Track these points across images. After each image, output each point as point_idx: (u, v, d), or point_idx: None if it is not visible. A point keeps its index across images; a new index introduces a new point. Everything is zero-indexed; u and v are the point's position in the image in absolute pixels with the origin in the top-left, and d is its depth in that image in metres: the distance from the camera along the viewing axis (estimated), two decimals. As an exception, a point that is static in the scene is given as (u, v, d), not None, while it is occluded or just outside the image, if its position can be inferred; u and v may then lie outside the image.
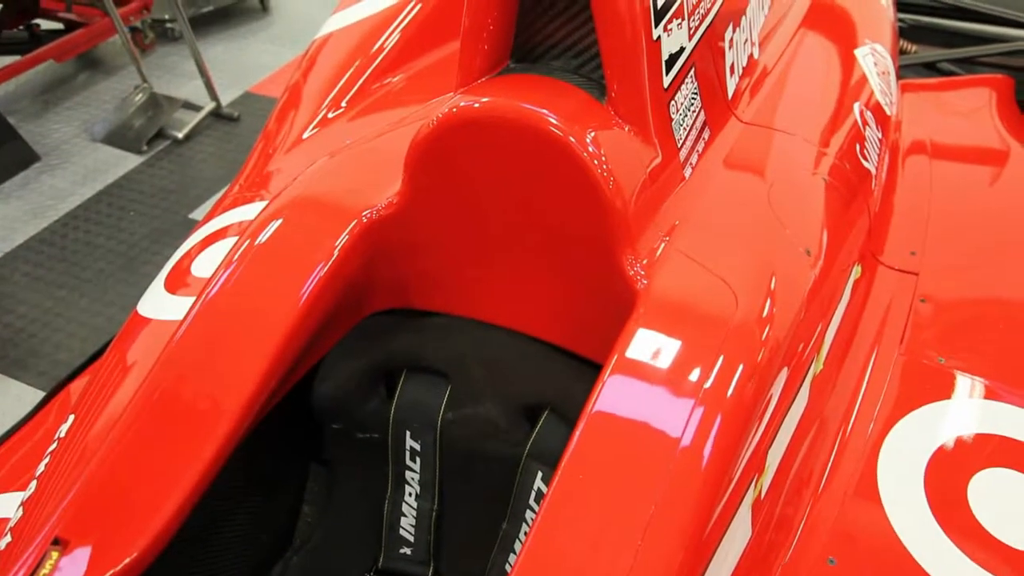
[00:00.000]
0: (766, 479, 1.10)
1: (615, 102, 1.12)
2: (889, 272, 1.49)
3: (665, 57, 1.16)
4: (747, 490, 1.02)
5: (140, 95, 3.50)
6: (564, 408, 1.18)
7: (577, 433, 0.96)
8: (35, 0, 3.78)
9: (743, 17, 1.49)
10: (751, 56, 1.53)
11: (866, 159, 1.52)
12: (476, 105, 1.08)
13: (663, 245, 1.10)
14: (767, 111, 1.46)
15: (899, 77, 2.06)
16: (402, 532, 1.30)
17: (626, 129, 1.12)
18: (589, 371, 1.12)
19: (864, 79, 1.73)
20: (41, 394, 2.21)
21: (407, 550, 1.30)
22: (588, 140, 1.05)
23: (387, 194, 1.21)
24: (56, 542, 1.01)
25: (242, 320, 1.17)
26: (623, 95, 1.11)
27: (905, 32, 2.71)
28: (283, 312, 1.16)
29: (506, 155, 1.10)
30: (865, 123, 1.60)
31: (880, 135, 1.66)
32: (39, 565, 0.99)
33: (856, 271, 1.38)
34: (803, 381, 1.16)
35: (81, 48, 3.78)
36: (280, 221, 1.23)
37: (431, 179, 1.15)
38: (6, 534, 1.12)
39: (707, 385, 0.99)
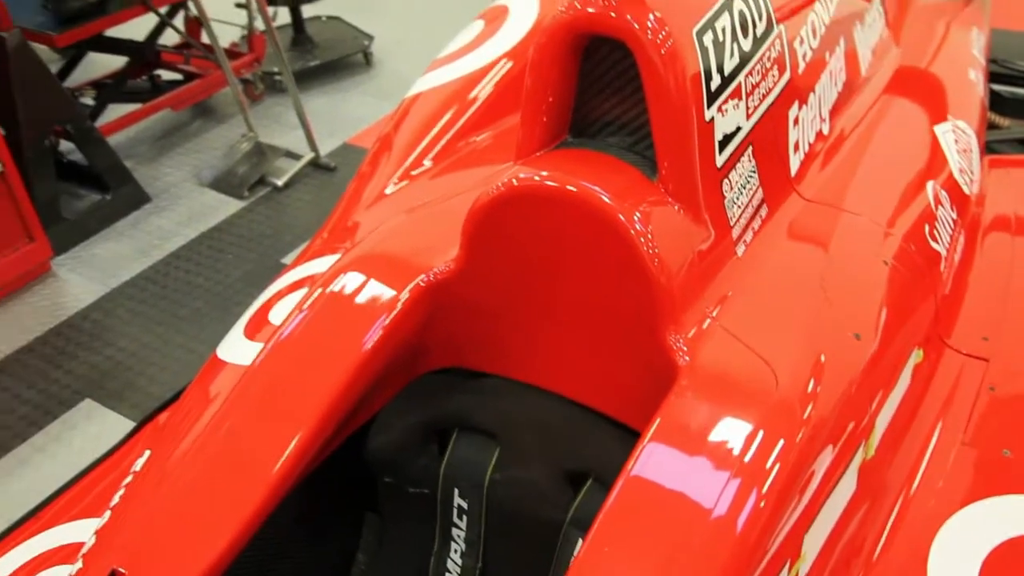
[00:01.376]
0: (804, 564, 1.09)
1: (665, 180, 1.15)
2: (957, 356, 1.45)
3: (719, 137, 1.18)
4: (782, 570, 1.02)
5: (246, 143, 3.69)
6: (607, 477, 1.19)
7: (612, 497, 0.98)
8: (157, 53, 4.04)
9: (812, 95, 1.51)
10: (820, 132, 1.54)
11: (936, 240, 1.50)
12: (534, 178, 1.13)
13: (708, 321, 1.12)
14: (832, 189, 1.46)
15: (987, 152, 2.02)
16: (445, 588, 1.33)
17: (676, 207, 1.15)
18: (632, 441, 1.13)
19: (942, 157, 1.71)
20: (132, 425, 2.33)
21: (450, 606, 1.33)
22: (636, 218, 1.08)
23: (447, 257, 1.26)
24: (113, 574, 1.08)
25: (304, 366, 1.23)
26: (673, 174, 1.14)
27: (999, 104, 2.65)
28: (343, 361, 1.22)
29: (559, 227, 1.14)
30: (938, 203, 1.58)
31: (955, 215, 1.63)
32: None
33: (917, 355, 1.36)
34: (849, 464, 1.15)
35: (196, 98, 4.02)
36: (348, 275, 1.29)
37: (486, 246, 1.20)
38: (78, 560, 1.20)
39: (745, 459, 1.00)
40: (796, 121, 1.43)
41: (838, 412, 1.11)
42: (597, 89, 1.20)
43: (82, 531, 1.51)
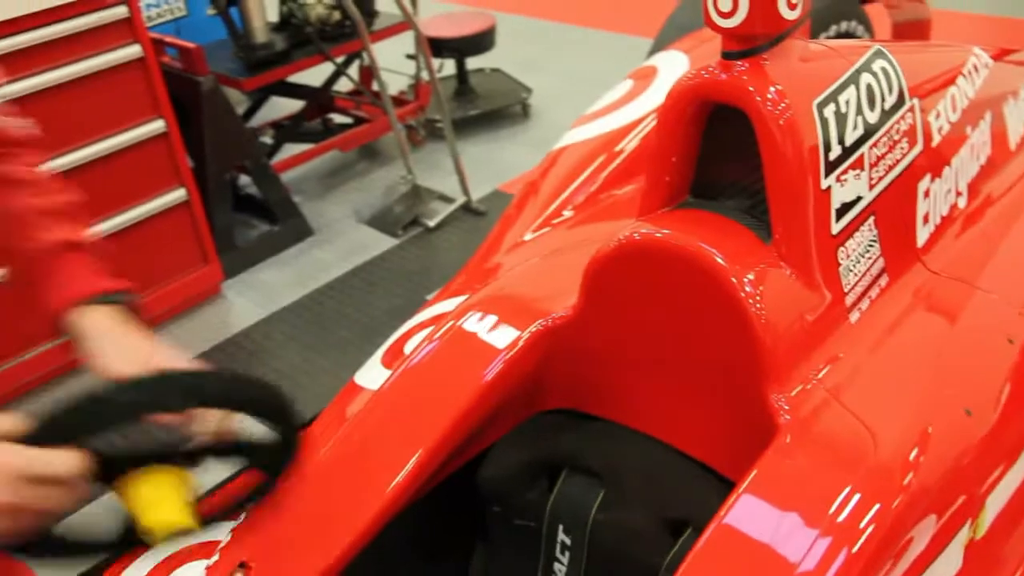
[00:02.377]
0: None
1: (779, 244, 1.19)
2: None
3: (836, 205, 1.21)
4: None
5: (404, 185, 3.90)
6: (704, 526, 1.23)
7: (700, 543, 1.02)
8: (331, 98, 4.35)
9: (947, 168, 1.50)
10: (954, 205, 1.53)
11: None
12: (654, 235, 1.20)
13: (812, 383, 1.15)
14: (963, 263, 1.45)
15: None
16: (546, 620, 1.38)
17: (787, 271, 1.18)
18: (727, 491, 1.17)
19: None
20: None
21: (549, 638, 1.38)
22: (748, 280, 1.13)
23: (567, 303, 1.34)
24: (242, 565, 1.20)
25: (427, 393, 1.34)
26: (786, 238, 1.18)
27: None
28: (464, 391, 1.32)
29: (673, 283, 1.20)
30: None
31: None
32: (226, 582, 1.18)
33: (1042, 438, 1.32)
34: (953, 539, 1.14)
35: (363, 140, 4.29)
36: (476, 313, 1.39)
37: (603, 295, 1.27)
38: (215, 553, 1.33)
39: (838, 519, 1.01)
40: (927, 193, 1.43)
41: (941, 484, 1.10)
42: (719, 152, 1.26)
43: (221, 530, 1.66)
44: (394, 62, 4.35)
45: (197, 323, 3.24)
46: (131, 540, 0.97)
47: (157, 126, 3.05)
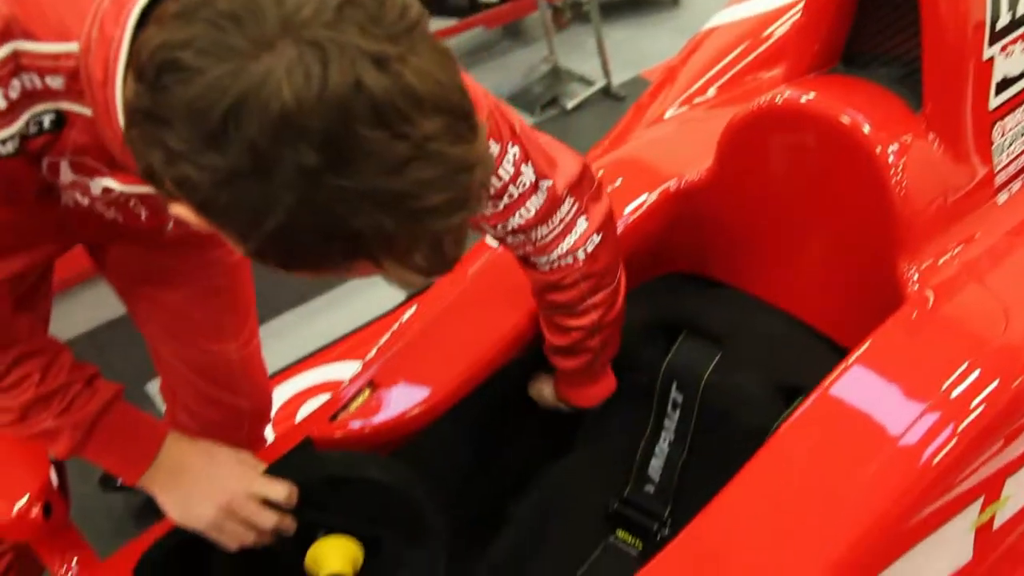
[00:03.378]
0: (1005, 510, 1.09)
1: (930, 116, 1.15)
2: None
3: (998, 78, 1.16)
4: (967, 509, 1.03)
5: (545, 65, 3.88)
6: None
7: (804, 406, 1.04)
8: (479, -26, 4.32)
9: None
10: None
11: None
12: (799, 99, 1.18)
13: (947, 256, 1.13)
14: None
15: None
16: (650, 472, 1.43)
17: (935, 144, 1.15)
18: None
19: None
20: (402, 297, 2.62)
21: (651, 488, 1.43)
22: (892, 149, 1.11)
23: (701, 167, 1.34)
24: (371, 384, 1.29)
25: None
26: (939, 111, 1.14)
27: None
28: None
29: (813, 149, 1.19)
30: None
31: None
32: (353, 398, 1.28)
33: None
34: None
35: (508, 19, 4.26)
36: (602, 172, 1.41)
37: (739, 159, 1.27)
38: (348, 381, 1.43)
39: (951, 394, 1.01)
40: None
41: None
42: (874, 20, 1.21)
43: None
44: (544, -61, 4.27)
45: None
46: None
47: None
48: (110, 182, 0.87)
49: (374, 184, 0.64)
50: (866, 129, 1.12)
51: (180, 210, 0.71)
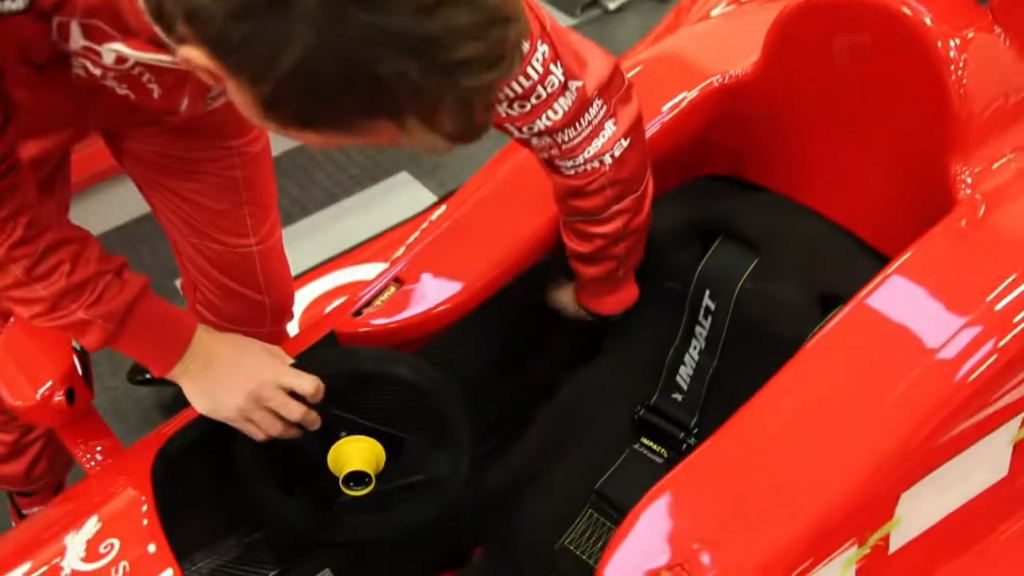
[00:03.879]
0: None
1: (997, 9, 1.07)
2: None
3: (1072, -32, 1.08)
4: (1007, 424, 0.99)
5: (586, -38, 3.73)
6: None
7: (838, 316, 1.00)
8: None
9: None
10: None
11: None
12: (852, -12, 1.10)
13: (1004, 160, 1.06)
14: None
15: None
16: (678, 379, 1.40)
17: (1000, 39, 1.07)
18: None
19: None
20: (435, 199, 2.58)
21: (679, 396, 1.40)
22: (953, 44, 1.04)
23: (746, 63, 1.27)
24: (396, 280, 1.27)
25: None
26: (1007, 3, 1.06)
27: None
28: None
29: (868, 42, 1.12)
30: None
31: None
32: (378, 294, 1.26)
33: None
34: None
35: (548, -89, 4.08)
36: (642, 68, 1.35)
37: (788, 53, 1.20)
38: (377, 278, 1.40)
39: (995, 307, 0.96)
40: None
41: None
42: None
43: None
44: None
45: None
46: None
47: None
48: (121, 47, 0.83)
49: (402, 24, 0.60)
50: (927, 21, 1.04)
51: (191, 53, 0.67)
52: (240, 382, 1.04)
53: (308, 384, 1.06)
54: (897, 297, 0.99)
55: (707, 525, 0.90)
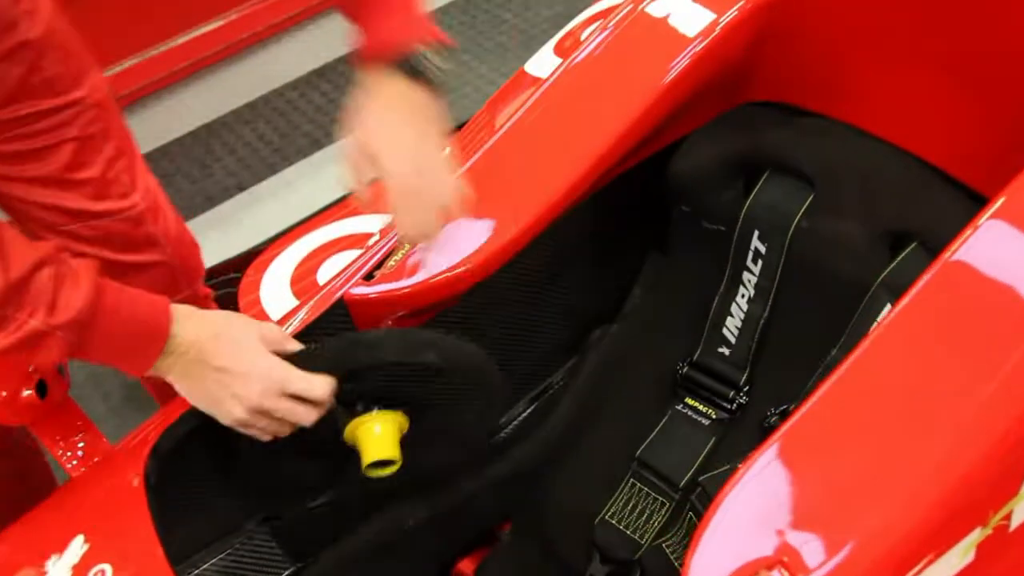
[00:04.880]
0: None
1: None
2: None
3: None
4: None
5: None
6: (935, 243, 1.05)
7: (936, 266, 0.85)
8: None
9: None
10: None
11: None
12: None
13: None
14: None
15: None
16: (725, 332, 1.27)
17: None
18: (972, 206, 0.98)
19: None
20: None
21: (726, 350, 1.27)
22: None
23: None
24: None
25: (601, 88, 1.18)
26: None
27: None
28: (651, 78, 1.15)
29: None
30: None
31: None
32: (390, 254, 1.11)
33: None
34: None
35: None
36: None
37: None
38: (378, 234, 1.24)
39: None
40: None
41: None
42: None
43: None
44: None
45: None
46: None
47: None
48: None
49: None
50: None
51: None
52: (239, 392, 0.89)
53: (319, 389, 0.93)
54: (996, 248, 0.85)
55: (810, 513, 0.76)
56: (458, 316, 1.17)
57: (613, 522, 1.24)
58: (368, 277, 1.08)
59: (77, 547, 0.81)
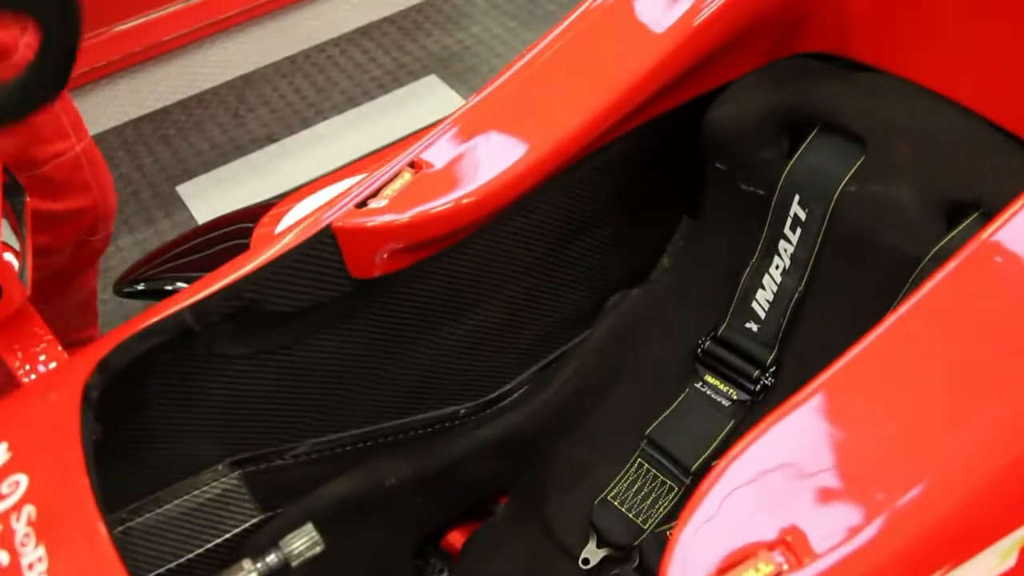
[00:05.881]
0: None
1: None
2: None
3: None
4: None
5: None
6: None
7: (989, 229, 0.74)
8: None
9: None
10: None
11: None
12: None
13: None
14: None
15: None
16: (754, 305, 1.16)
17: None
18: None
19: None
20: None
21: (754, 326, 1.16)
22: None
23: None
24: (412, 165, 1.02)
25: (643, 9, 1.08)
26: None
27: None
28: (686, 12, 1.05)
29: None
30: None
31: None
32: (390, 182, 1.01)
33: None
34: None
35: None
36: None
37: None
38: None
39: None
40: None
41: None
42: None
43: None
44: None
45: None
46: None
47: None
48: None
49: None
50: None
51: None
52: None
53: None
54: None
55: (823, 491, 0.65)
56: (464, 261, 1.08)
57: (615, 503, 1.15)
58: (361, 206, 0.99)
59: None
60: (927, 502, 0.64)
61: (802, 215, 1.09)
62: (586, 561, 1.11)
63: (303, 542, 0.98)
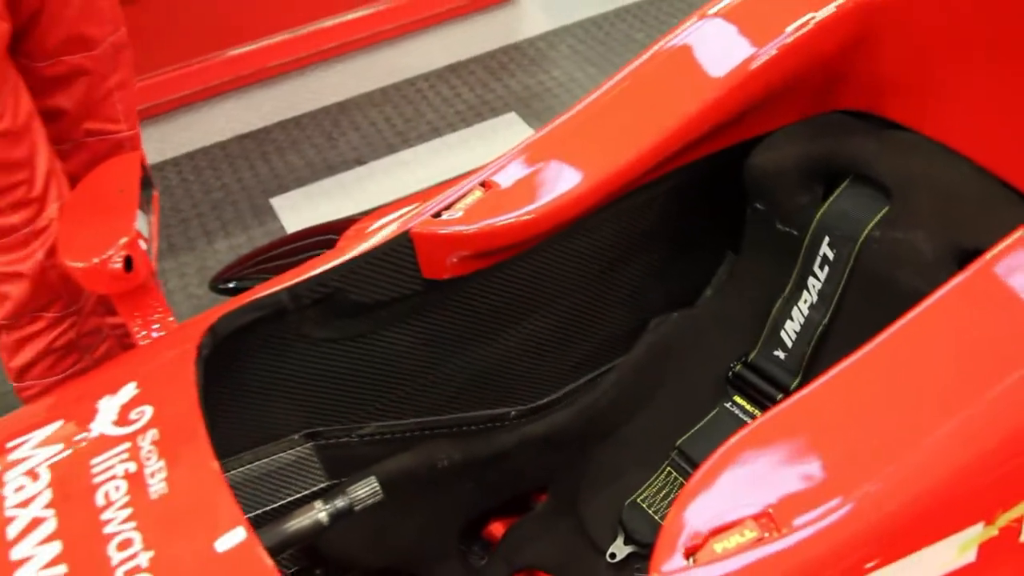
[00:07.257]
0: None
1: None
2: None
3: None
4: None
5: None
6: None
7: (977, 265, 0.85)
8: None
9: None
10: None
11: None
12: None
13: None
14: None
15: None
16: (783, 335, 1.26)
17: None
18: None
19: None
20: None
21: (781, 354, 1.27)
22: None
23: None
24: (483, 185, 1.17)
25: (699, 60, 1.21)
26: None
27: None
28: (737, 63, 1.17)
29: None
30: None
31: None
32: (463, 198, 1.16)
33: None
34: None
35: None
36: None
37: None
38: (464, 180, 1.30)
39: None
40: None
41: None
42: None
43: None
44: None
45: (485, 26, 3.20)
46: None
47: None
48: None
49: None
50: None
51: None
52: None
53: None
54: None
55: (805, 476, 0.77)
56: (523, 273, 1.21)
57: (643, 506, 1.25)
58: (437, 216, 1.14)
59: (129, 390, 0.89)
60: (893, 492, 0.75)
61: (830, 255, 1.20)
62: (613, 556, 1.21)
63: (366, 491, 1.11)
